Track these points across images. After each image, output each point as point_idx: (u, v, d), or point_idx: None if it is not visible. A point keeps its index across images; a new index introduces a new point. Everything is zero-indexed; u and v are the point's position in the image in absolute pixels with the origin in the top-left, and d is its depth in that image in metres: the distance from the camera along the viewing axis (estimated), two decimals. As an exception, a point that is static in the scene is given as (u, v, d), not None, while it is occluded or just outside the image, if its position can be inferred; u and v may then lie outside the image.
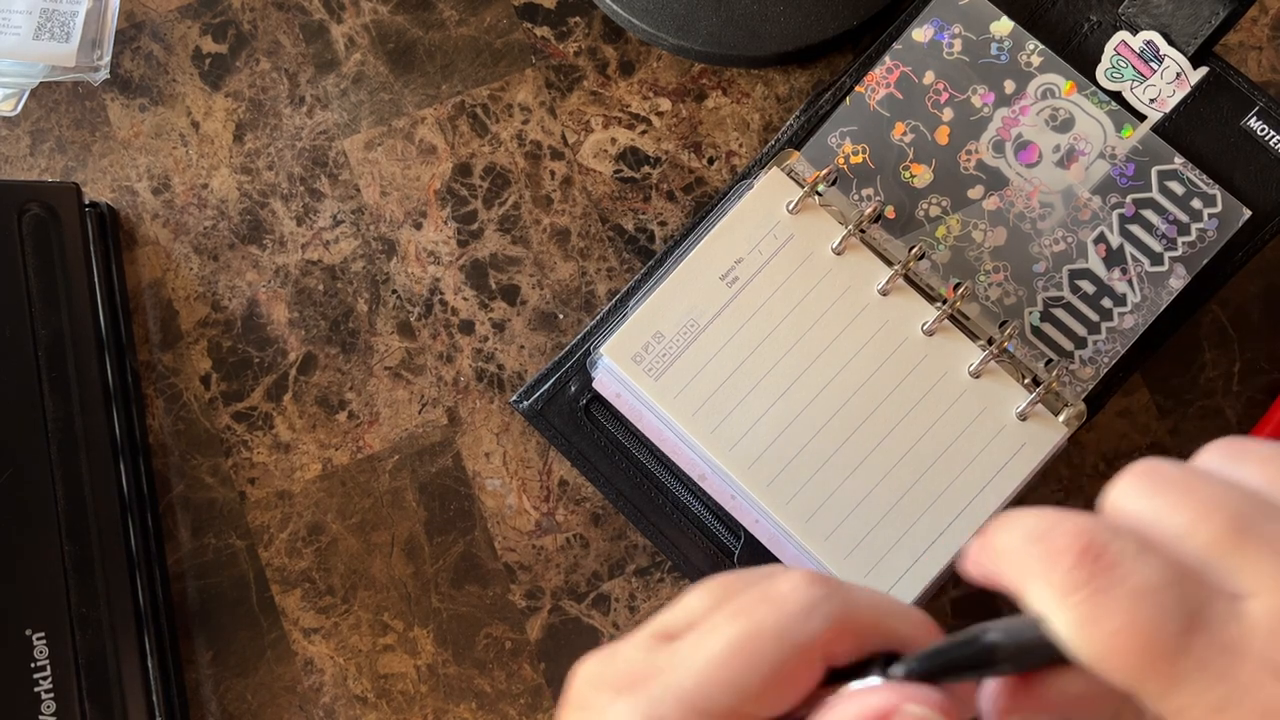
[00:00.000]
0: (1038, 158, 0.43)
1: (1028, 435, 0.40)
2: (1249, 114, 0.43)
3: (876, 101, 0.44)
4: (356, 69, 0.48)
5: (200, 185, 0.47)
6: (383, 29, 0.48)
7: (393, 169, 0.47)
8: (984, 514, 0.40)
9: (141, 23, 0.48)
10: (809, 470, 0.40)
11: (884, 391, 0.41)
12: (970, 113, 0.43)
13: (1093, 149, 0.43)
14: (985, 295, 0.42)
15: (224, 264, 0.47)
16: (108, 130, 0.48)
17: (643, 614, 0.45)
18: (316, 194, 0.47)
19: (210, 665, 0.45)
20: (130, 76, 0.48)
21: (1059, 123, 0.43)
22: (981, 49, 0.43)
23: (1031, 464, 0.40)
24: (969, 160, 0.43)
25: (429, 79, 0.48)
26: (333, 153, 0.47)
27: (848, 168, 0.43)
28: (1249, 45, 0.47)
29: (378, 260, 0.47)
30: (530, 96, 0.47)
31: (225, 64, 0.48)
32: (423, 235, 0.47)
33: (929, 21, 0.44)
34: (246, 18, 0.48)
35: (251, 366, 0.46)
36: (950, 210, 0.43)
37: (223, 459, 0.46)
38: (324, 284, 0.47)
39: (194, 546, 0.46)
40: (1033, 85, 0.43)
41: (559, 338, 0.46)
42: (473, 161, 0.47)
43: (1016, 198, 0.43)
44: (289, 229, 0.47)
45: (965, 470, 0.40)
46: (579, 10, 0.48)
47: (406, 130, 0.47)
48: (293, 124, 0.47)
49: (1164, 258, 0.42)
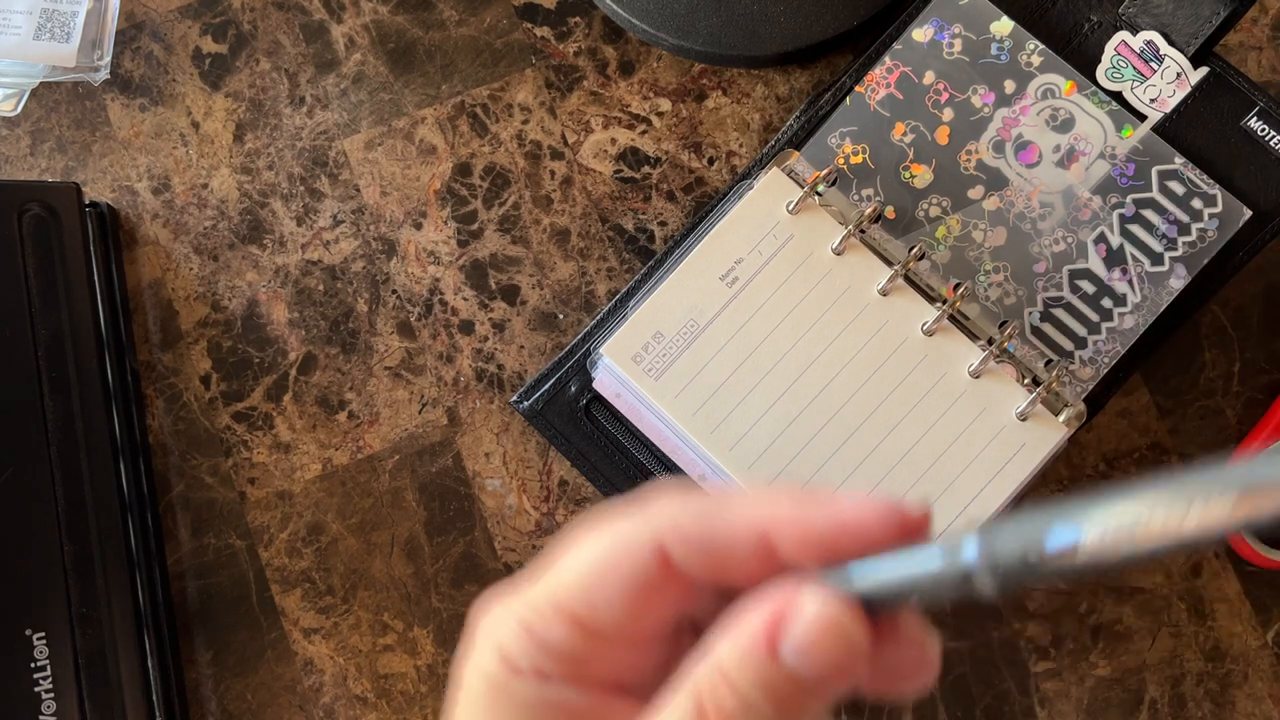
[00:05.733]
0: (1038, 158, 0.43)
1: (1028, 435, 0.40)
2: (1249, 114, 0.43)
3: (876, 102, 0.44)
4: (356, 69, 0.48)
5: (200, 185, 0.47)
6: (383, 29, 0.48)
7: (393, 169, 0.47)
8: (984, 514, 0.40)
9: (141, 23, 0.48)
10: (809, 471, 0.40)
11: (884, 391, 0.41)
12: (970, 113, 0.43)
13: (1093, 149, 0.43)
14: (985, 295, 0.42)
15: (224, 264, 0.47)
16: (108, 130, 0.48)
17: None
18: (316, 194, 0.47)
19: (210, 665, 0.45)
20: (130, 76, 0.48)
21: (1059, 123, 0.43)
22: (982, 49, 0.43)
23: (1031, 464, 0.40)
24: (969, 160, 0.43)
25: (429, 79, 0.48)
26: (333, 153, 0.47)
27: (848, 168, 0.43)
28: (1249, 45, 0.47)
29: (378, 260, 0.47)
30: (530, 96, 0.47)
31: (225, 64, 0.48)
32: (423, 235, 0.47)
33: (929, 21, 0.44)
34: (246, 18, 0.48)
35: (251, 366, 0.46)
36: (950, 210, 0.43)
37: (223, 459, 0.46)
38: (324, 284, 0.47)
39: (194, 546, 0.45)
40: (1033, 85, 0.43)
41: (559, 338, 0.46)
42: (473, 161, 0.47)
43: (1017, 198, 0.43)
44: (289, 229, 0.47)
45: (965, 471, 0.40)
46: (579, 10, 0.48)
47: (406, 130, 0.47)
48: (293, 124, 0.47)
49: (1164, 258, 0.42)
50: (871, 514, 0.21)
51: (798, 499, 0.22)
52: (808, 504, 0.22)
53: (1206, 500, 0.17)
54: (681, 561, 0.22)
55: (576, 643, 0.22)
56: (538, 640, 0.22)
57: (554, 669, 0.22)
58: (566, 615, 0.22)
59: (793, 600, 0.21)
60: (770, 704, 0.21)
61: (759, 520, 0.22)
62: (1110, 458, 0.45)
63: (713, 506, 0.22)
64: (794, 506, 0.22)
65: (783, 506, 0.22)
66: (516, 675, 0.22)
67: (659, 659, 0.23)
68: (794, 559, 0.22)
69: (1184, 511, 0.17)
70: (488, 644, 0.23)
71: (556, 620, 0.22)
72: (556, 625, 0.22)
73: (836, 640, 0.20)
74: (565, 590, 0.22)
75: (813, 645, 0.20)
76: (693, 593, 0.24)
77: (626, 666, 0.23)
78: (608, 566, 0.22)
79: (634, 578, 0.22)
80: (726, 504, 0.22)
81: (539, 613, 0.22)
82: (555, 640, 0.22)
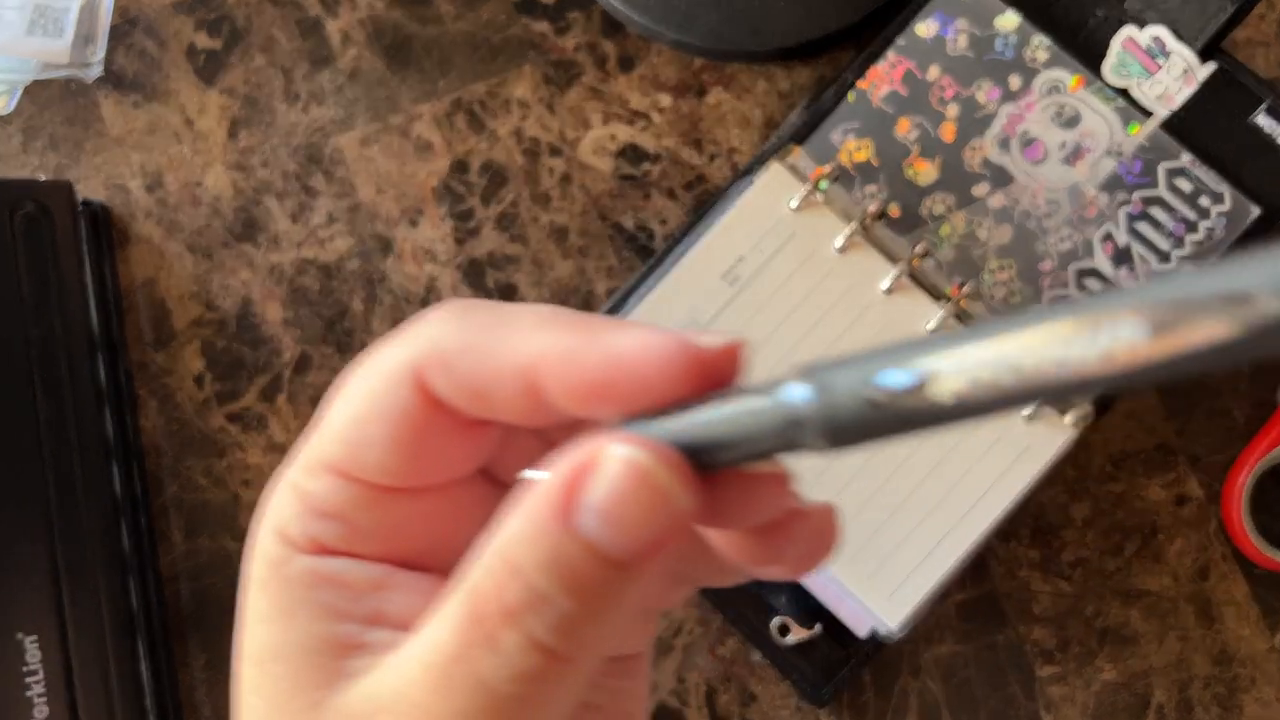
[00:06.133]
0: (1043, 154, 0.42)
1: (1034, 436, 0.40)
2: (1257, 110, 0.42)
3: (880, 97, 0.43)
4: (352, 65, 0.47)
5: (194, 183, 0.47)
6: (379, 24, 0.47)
7: (389, 166, 0.47)
8: (990, 516, 0.39)
9: (135, 18, 0.48)
10: (811, 473, 0.40)
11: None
12: (975, 109, 0.43)
13: (1099, 146, 0.42)
14: (991, 294, 0.42)
15: (218, 263, 0.46)
16: (101, 127, 0.47)
17: (642, 617, 0.44)
18: (311, 191, 0.47)
19: (204, 669, 0.45)
20: (124, 73, 0.47)
21: (1065, 119, 0.42)
22: (986, 44, 0.43)
23: (1038, 466, 0.40)
24: (974, 157, 0.43)
25: (426, 75, 0.47)
26: (328, 150, 0.47)
27: (851, 165, 0.43)
28: (1256, 41, 0.47)
29: (374, 259, 0.46)
30: (528, 92, 0.47)
31: (220, 60, 0.47)
32: (419, 233, 0.46)
33: (933, 16, 0.43)
34: (241, 13, 0.47)
35: (245, 366, 0.46)
36: (955, 208, 0.42)
37: (216, 460, 0.45)
38: (319, 283, 0.46)
39: (187, 548, 0.45)
40: (1038, 81, 0.43)
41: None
42: (470, 158, 0.47)
43: (1022, 195, 0.42)
44: (284, 227, 0.46)
45: (971, 472, 0.40)
46: (578, 5, 0.47)
47: (403, 127, 0.47)
48: (288, 120, 0.47)
49: (1172, 256, 0.42)
50: (656, 350, 0.17)
51: (572, 327, 0.18)
52: (580, 335, 0.17)
53: (1097, 330, 0.13)
54: (447, 396, 0.18)
55: (348, 501, 0.19)
56: (311, 506, 0.19)
57: (333, 538, 0.19)
58: (334, 470, 0.19)
59: (597, 454, 0.17)
60: (566, 592, 0.16)
61: (525, 354, 0.18)
62: (1118, 459, 0.44)
63: (482, 331, 0.18)
64: (565, 338, 0.18)
65: (557, 337, 0.18)
66: (293, 549, 0.19)
67: (476, 520, 0.19)
68: (563, 406, 0.18)
69: (1065, 347, 0.14)
70: (266, 521, 0.20)
71: (326, 478, 0.19)
72: (325, 483, 0.19)
73: (648, 496, 0.16)
74: (330, 441, 0.19)
75: (618, 504, 0.16)
76: (506, 435, 0.20)
77: (426, 532, 0.20)
78: (368, 405, 0.19)
79: (396, 415, 0.18)
80: (501, 327, 0.18)
81: (310, 472, 0.19)
82: (324, 500, 0.19)
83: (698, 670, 0.43)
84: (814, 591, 0.41)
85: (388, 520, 0.19)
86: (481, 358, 0.18)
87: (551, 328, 0.18)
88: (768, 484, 0.18)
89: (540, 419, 0.18)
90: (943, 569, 0.39)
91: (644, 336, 0.17)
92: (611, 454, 0.16)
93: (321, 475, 0.19)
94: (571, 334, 0.18)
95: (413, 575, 0.19)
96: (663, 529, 0.16)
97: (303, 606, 0.19)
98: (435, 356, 0.18)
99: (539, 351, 0.17)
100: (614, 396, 0.17)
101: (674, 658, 0.43)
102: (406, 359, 0.18)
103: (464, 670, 0.16)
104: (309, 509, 0.19)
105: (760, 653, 0.43)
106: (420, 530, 0.20)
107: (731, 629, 0.43)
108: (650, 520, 0.16)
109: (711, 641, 0.43)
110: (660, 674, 0.43)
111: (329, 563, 0.19)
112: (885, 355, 0.15)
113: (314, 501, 0.19)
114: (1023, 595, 0.44)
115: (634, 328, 0.17)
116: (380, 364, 0.19)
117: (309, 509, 0.19)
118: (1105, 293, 0.14)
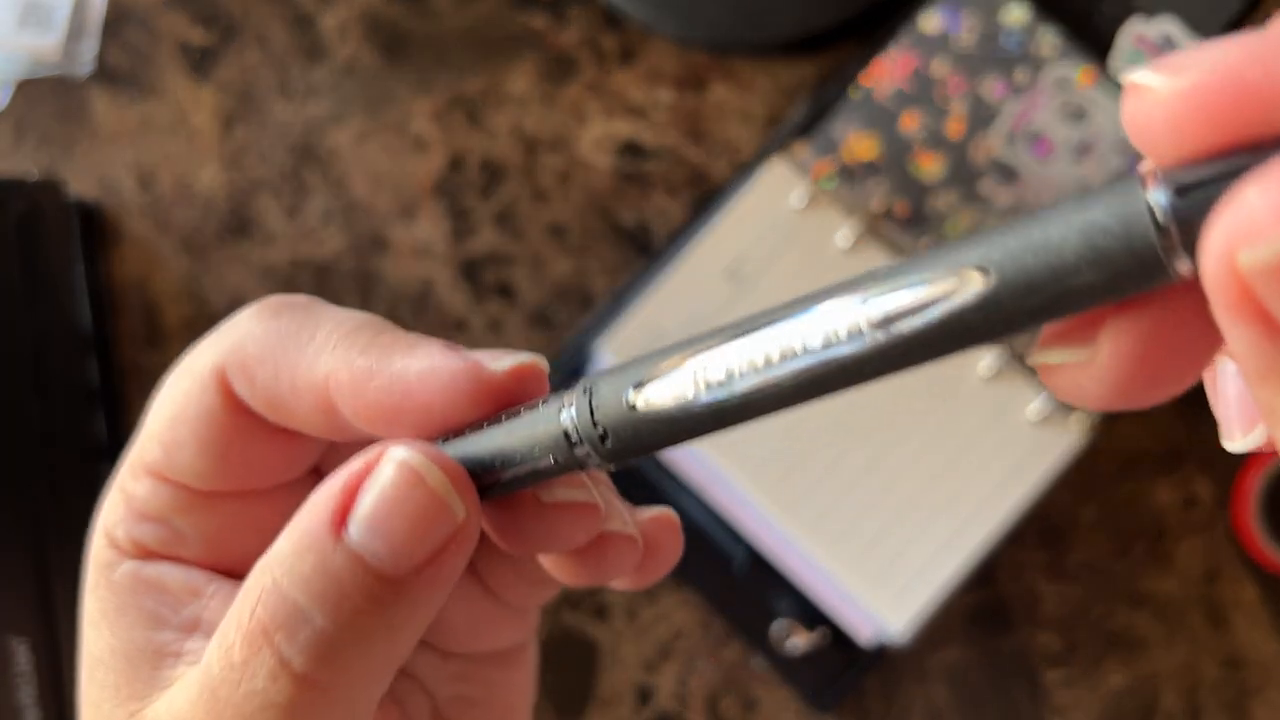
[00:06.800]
0: (1051, 150, 0.42)
1: (1043, 439, 0.39)
2: (1269, 105, 0.42)
3: (884, 92, 0.43)
4: (347, 60, 0.47)
5: (187, 180, 0.46)
6: (374, 19, 0.47)
7: (384, 163, 0.46)
8: (997, 519, 0.39)
9: (127, 13, 0.47)
10: (816, 474, 0.40)
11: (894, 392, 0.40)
12: (981, 104, 0.42)
13: (1108, 141, 0.42)
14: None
15: (211, 261, 0.46)
16: (92, 124, 0.47)
17: (643, 622, 0.44)
18: (306, 189, 0.46)
19: (198, 674, 0.44)
20: (116, 69, 0.47)
21: (1073, 114, 0.42)
22: (993, 38, 0.42)
23: (1046, 468, 0.39)
24: (980, 153, 0.42)
25: (422, 70, 0.47)
26: (323, 147, 0.46)
27: (855, 161, 0.42)
28: (1268, 34, 0.46)
29: (369, 257, 0.46)
30: (526, 87, 0.46)
31: (213, 55, 0.47)
32: (415, 231, 0.46)
33: (939, 8, 0.43)
34: (235, 8, 0.47)
35: (240, 366, 0.45)
36: (961, 204, 0.42)
37: (210, 461, 0.45)
38: (313, 282, 0.46)
39: (181, 552, 0.45)
40: (1046, 75, 0.42)
41: (556, 336, 0.45)
42: (467, 155, 0.46)
43: (1029, 192, 0.42)
44: (278, 224, 0.46)
45: (978, 474, 0.39)
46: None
47: (399, 123, 0.46)
48: (282, 117, 0.47)
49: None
50: (441, 377, 0.17)
51: (367, 348, 0.17)
52: (371, 357, 0.17)
53: (831, 315, 0.14)
54: (250, 403, 0.18)
55: (168, 505, 0.19)
56: (134, 509, 0.19)
57: (155, 542, 0.19)
58: (152, 473, 0.19)
59: (376, 459, 0.16)
60: (325, 610, 0.15)
61: (319, 373, 0.17)
62: (1126, 461, 0.44)
63: (283, 340, 0.18)
64: (356, 359, 0.17)
65: (348, 358, 0.17)
66: (118, 553, 0.19)
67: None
68: (358, 426, 0.17)
69: (801, 339, 0.15)
70: (98, 524, 0.20)
71: (146, 480, 0.19)
72: (145, 485, 0.19)
73: (421, 504, 0.15)
74: (149, 442, 0.19)
75: (387, 512, 0.15)
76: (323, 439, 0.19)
77: (254, 537, 0.19)
78: (180, 407, 0.18)
79: (203, 418, 0.18)
80: (303, 337, 0.18)
81: (133, 474, 0.19)
82: (145, 503, 0.19)
83: (699, 675, 0.43)
84: (818, 595, 0.41)
85: (209, 524, 0.19)
86: (279, 370, 0.18)
87: (348, 346, 0.17)
88: (576, 512, 0.18)
89: (341, 434, 0.18)
90: (949, 573, 0.39)
91: (433, 361, 0.17)
92: (389, 457, 0.16)
93: (143, 478, 0.19)
94: (363, 355, 0.17)
95: (236, 582, 0.19)
96: (437, 542, 0.16)
97: (125, 613, 0.19)
98: (238, 361, 0.18)
99: (329, 372, 0.17)
100: (402, 421, 0.17)
101: (675, 663, 0.43)
102: (211, 362, 0.18)
103: (227, 695, 0.16)
104: (132, 512, 0.19)
105: (763, 657, 0.42)
106: (246, 535, 0.19)
107: (733, 633, 0.43)
108: (423, 532, 0.15)
109: (712, 646, 0.43)
110: (661, 679, 0.43)
111: (151, 568, 0.19)
112: (645, 361, 0.15)
113: (137, 505, 0.19)
114: (1029, 599, 0.43)
115: (428, 350, 0.17)
116: (190, 364, 0.19)
117: (132, 512, 0.19)
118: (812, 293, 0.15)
